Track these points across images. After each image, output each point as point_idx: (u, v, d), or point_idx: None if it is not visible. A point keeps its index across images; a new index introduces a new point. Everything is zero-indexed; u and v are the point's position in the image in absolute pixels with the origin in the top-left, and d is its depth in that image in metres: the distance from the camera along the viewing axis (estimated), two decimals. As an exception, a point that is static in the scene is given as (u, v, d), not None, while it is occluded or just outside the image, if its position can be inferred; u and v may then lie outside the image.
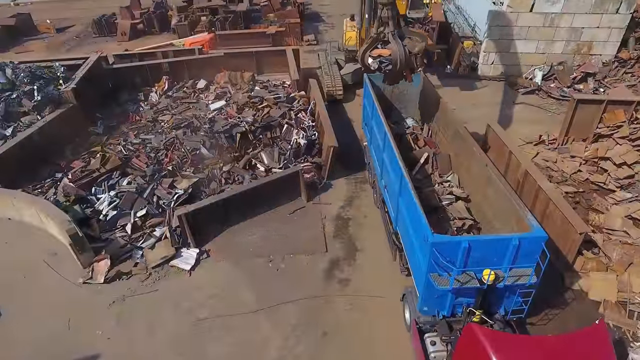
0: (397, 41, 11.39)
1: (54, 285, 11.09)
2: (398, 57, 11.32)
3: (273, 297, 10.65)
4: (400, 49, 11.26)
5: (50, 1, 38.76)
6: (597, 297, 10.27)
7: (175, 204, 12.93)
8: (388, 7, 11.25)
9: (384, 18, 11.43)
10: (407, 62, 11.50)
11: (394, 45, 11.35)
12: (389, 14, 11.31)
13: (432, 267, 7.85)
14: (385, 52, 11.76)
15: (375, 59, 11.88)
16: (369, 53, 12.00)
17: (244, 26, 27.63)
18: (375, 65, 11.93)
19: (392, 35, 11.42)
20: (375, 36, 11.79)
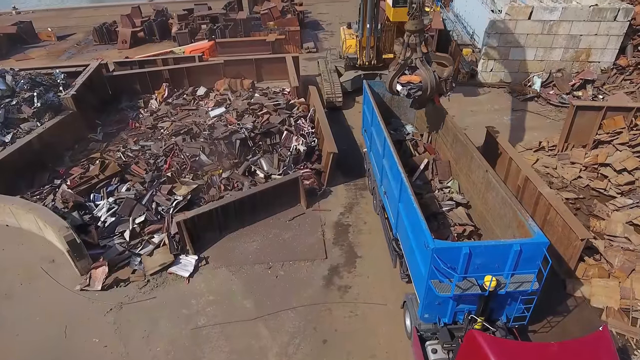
0: (427, 67, 11.39)
1: (51, 292, 10.98)
2: (428, 83, 11.32)
3: (272, 304, 10.55)
4: (431, 75, 11.28)
5: (52, 10, 39.09)
6: (600, 304, 10.17)
7: (174, 211, 12.86)
8: (416, 34, 11.19)
9: (411, 44, 11.34)
10: (437, 87, 11.52)
11: (423, 72, 11.36)
12: (417, 41, 11.23)
13: (433, 274, 7.77)
14: (414, 78, 11.66)
15: (404, 85, 11.71)
16: (397, 80, 11.83)
17: (243, 34, 27.77)
18: (404, 92, 11.75)
19: (421, 61, 11.40)
20: (402, 62, 11.69)
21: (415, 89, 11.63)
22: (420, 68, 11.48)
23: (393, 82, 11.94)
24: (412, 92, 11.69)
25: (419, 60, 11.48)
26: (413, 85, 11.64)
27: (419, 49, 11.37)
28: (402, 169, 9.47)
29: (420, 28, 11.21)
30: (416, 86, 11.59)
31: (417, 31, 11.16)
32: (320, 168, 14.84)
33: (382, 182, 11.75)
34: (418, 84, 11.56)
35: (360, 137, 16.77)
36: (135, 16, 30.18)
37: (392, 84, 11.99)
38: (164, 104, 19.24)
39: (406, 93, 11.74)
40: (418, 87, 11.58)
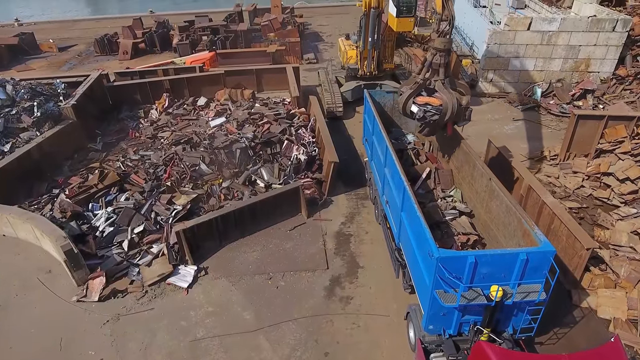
0: (449, 91, 10.61)
1: (47, 303, 10.76)
2: (450, 108, 10.49)
3: (272, 315, 10.34)
4: (453, 100, 10.50)
5: (54, 22, 39.37)
6: (607, 315, 9.97)
7: (173, 220, 12.71)
8: (442, 54, 10.36)
9: (434, 64, 10.50)
10: (457, 114, 10.72)
11: (445, 95, 10.56)
12: (442, 61, 10.41)
13: (437, 284, 7.60)
14: (433, 100, 10.82)
15: (421, 106, 10.83)
16: (414, 100, 10.97)
17: (244, 45, 27.93)
18: (420, 113, 10.82)
19: (443, 83, 10.64)
20: (421, 82, 10.84)
21: (433, 112, 10.71)
22: (441, 91, 10.63)
23: (408, 102, 10.98)
24: (428, 115, 10.76)
25: (441, 82, 10.61)
26: (431, 107, 10.72)
27: (442, 71, 10.52)
28: (404, 176, 9.36)
29: (449, 47, 10.39)
30: (435, 109, 10.68)
31: (444, 50, 10.29)
32: (321, 177, 14.74)
33: (383, 191, 11.63)
34: (437, 107, 10.66)
35: (361, 147, 16.70)
36: (137, 28, 30.39)
37: (406, 104, 11.01)
38: (165, 114, 19.21)
39: (422, 115, 10.77)
40: (437, 110, 10.67)
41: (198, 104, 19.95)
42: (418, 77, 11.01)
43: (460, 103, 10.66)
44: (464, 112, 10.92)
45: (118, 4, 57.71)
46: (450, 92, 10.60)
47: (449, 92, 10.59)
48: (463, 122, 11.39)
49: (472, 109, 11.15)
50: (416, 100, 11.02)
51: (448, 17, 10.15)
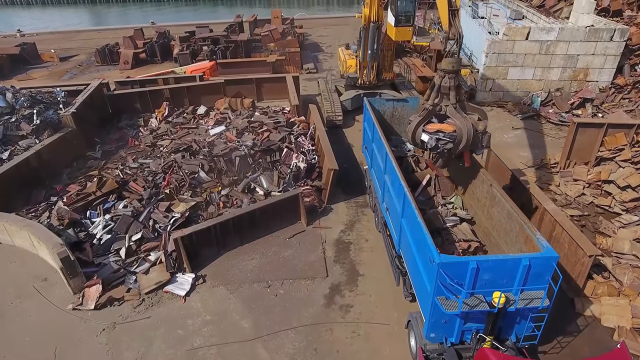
0: (463, 115, 9.59)
1: (42, 311, 10.59)
2: (465, 134, 9.38)
3: (271, 324, 10.17)
4: (468, 125, 9.40)
5: (56, 32, 39.71)
6: (611, 324, 9.82)
7: (171, 228, 12.59)
8: (451, 76, 9.47)
9: (443, 88, 9.61)
10: (473, 141, 9.58)
11: (458, 120, 9.50)
12: (451, 84, 9.49)
13: (439, 290, 7.48)
14: (447, 127, 9.68)
15: (432, 134, 9.74)
16: (424, 127, 9.87)
17: (244, 55, 28.13)
18: (432, 142, 9.69)
19: (455, 108, 9.68)
20: (431, 108, 9.85)
21: (446, 141, 9.58)
22: (454, 116, 9.61)
23: (417, 130, 9.86)
24: (441, 143, 9.64)
25: (453, 107, 9.64)
26: (444, 135, 9.59)
27: (452, 94, 9.57)
28: (404, 182, 9.30)
29: (458, 68, 9.49)
30: (448, 136, 9.56)
31: (452, 72, 9.39)
32: (321, 185, 14.67)
33: (384, 198, 11.55)
34: (451, 134, 9.55)
35: (360, 155, 16.68)
36: (138, 38, 30.67)
37: (416, 132, 9.90)
38: (164, 123, 19.23)
39: (434, 144, 9.65)
40: (450, 138, 9.55)
41: (198, 113, 20.00)
42: (427, 104, 9.96)
43: (476, 128, 9.54)
44: (481, 139, 9.70)
45: (120, 16, 58.37)
46: (464, 117, 9.59)
47: (463, 117, 9.56)
48: (481, 150, 10.08)
49: (490, 134, 9.88)
50: (426, 128, 9.87)
51: (455, 36, 9.46)
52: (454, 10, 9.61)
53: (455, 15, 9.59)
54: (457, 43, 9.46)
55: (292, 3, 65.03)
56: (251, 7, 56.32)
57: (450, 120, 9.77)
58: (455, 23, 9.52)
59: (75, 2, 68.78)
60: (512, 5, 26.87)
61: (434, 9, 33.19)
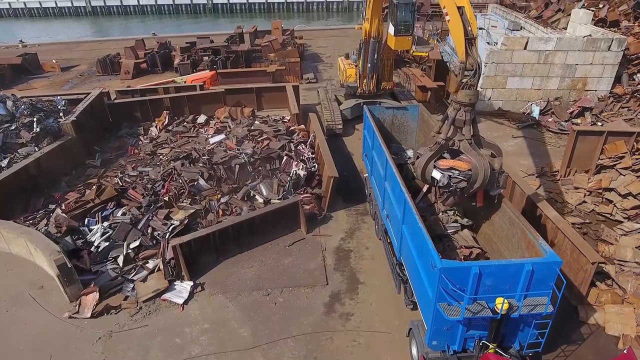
0: (478, 152, 8.93)
1: (38, 319, 10.43)
2: (481, 174, 8.73)
3: (270, 332, 10.01)
4: (485, 164, 8.77)
5: (58, 43, 40.04)
6: (615, 332, 9.67)
7: (170, 235, 12.49)
8: (467, 109, 8.82)
9: (458, 121, 8.96)
10: (490, 180, 8.93)
11: (474, 158, 8.84)
12: (466, 117, 8.84)
13: (441, 296, 7.36)
14: (461, 164, 9.05)
15: (444, 171, 9.13)
16: (435, 163, 9.20)
17: (244, 65, 28.30)
18: (444, 180, 9.07)
19: (470, 143, 9.01)
20: (443, 142, 9.12)
21: (460, 179, 8.97)
22: (468, 153, 8.93)
23: (428, 166, 9.21)
24: (454, 182, 9.02)
25: (467, 142, 8.97)
26: (458, 173, 8.98)
27: (467, 129, 8.92)
28: (405, 188, 9.24)
29: (475, 101, 8.81)
30: (463, 175, 8.95)
31: (469, 104, 8.76)
32: (321, 193, 14.61)
33: (384, 205, 11.48)
34: (465, 173, 8.93)
35: (360, 163, 16.65)
36: (139, 48, 30.88)
37: (426, 168, 9.25)
38: (164, 132, 19.23)
39: (446, 182, 9.05)
40: (465, 176, 8.93)
41: (198, 122, 20.01)
42: (438, 136, 9.19)
43: (492, 167, 8.88)
44: (497, 178, 9.03)
45: (122, 28, 58.96)
46: (480, 155, 8.89)
47: (479, 155, 8.87)
48: (497, 190, 9.25)
49: (507, 174, 9.25)
50: (438, 163, 9.20)
51: (473, 66, 8.73)
52: (471, 38, 8.84)
53: (472, 44, 8.83)
54: (476, 74, 8.71)
55: (293, 15, 65.79)
56: (252, 19, 56.89)
57: (465, 156, 9.07)
58: (473, 52, 8.77)
59: (78, 14, 69.58)
60: (510, 17, 27.13)
61: (433, 20, 33.55)
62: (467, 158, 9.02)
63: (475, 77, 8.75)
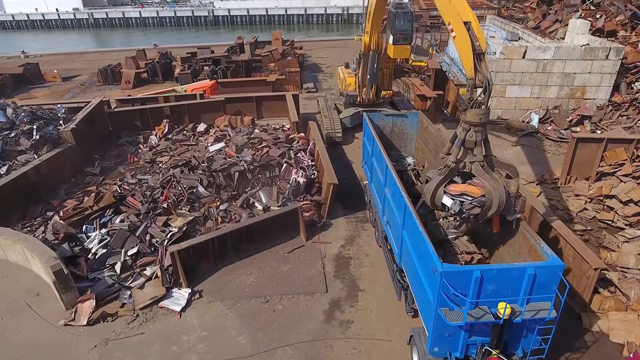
0: (492, 176, 8.29)
1: (33, 327, 10.26)
2: (497, 199, 8.03)
3: (269, 340, 9.84)
4: (499, 188, 8.08)
5: (59, 53, 40.35)
6: (619, 339, 9.51)
7: (168, 243, 12.37)
8: (478, 129, 8.18)
9: (468, 142, 8.32)
10: (505, 206, 8.23)
11: (488, 182, 8.18)
12: (477, 138, 8.21)
13: (442, 301, 7.25)
14: (473, 190, 8.37)
15: (455, 197, 8.45)
16: (444, 188, 8.53)
17: (245, 75, 28.44)
18: (455, 207, 8.40)
19: (482, 166, 8.36)
20: (453, 165, 8.47)
21: (473, 205, 8.29)
22: (481, 176, 8.30)
23: (437, 191, 8.53)
24: (466, 208, 8.35)
25: (479, 165, 8.34)
26: (471, 199, 8.29)
27: (479, 150, 8.30)
28: (405, 193, 9.18)
29: (485, 121, 8.16)
30: (476, 201, 8.26)
31: (479, 124, 8.10)
32: (320, 200, 14.54)
33: (384, 212, 11.40)
34: (479, 199, 8.25)
35: (360, 171, 16.61)
36: (140, 59, 31.08)
37: (435, 194, 8.56)
38: (164, 140, 19.23)
39: (458, 209, 8.38)
40: (479, 203, 8.26)
41: (198, 130, 20.03)
42: (448, 159, 8.54)
43: (508, 191, 8.20)
44: (514, 203, 8.29)
45: (123, 40, 59.53)
46: (494, 178, 8.23)
47: (492, 178, 8.21)
48: (513, 215, 8.51)
49: (525, 198, 8.56)
50: (448, 189, 8.51)
51: (483, 83, 8.20)
52: (480, 53, 8.36)
53: (481, 59, 8.33)
54: (486, 91, 8.13)
55: (293, 27, 66.52)
56: (252, 31, 57.54)
57: (477, 180, 8.45)
58: (482, 68, 8.25)
59: (80, 26, 70.37)
60: (508, 27, 27.40)
61: (432, 32, 33.87)
62: (480, 182, 8.36)
63: (486, 94, 8.15)
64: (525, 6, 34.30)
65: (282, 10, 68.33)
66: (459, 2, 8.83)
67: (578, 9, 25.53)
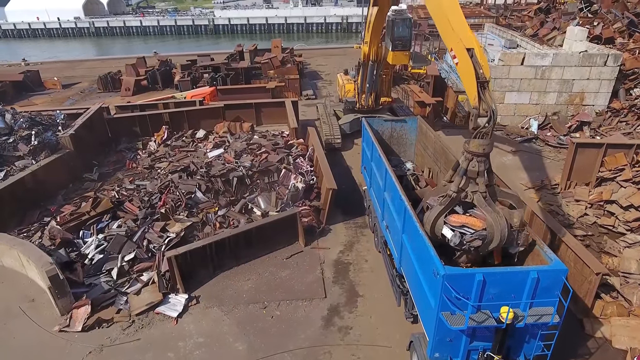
0: (494, 208, 8.02)
1: (28, 333, 10.10)
2: (499, 232, 7.77)
3: (266, 347, 9.69)
4: (502, 222, 7.83)
5: (60, 61, 40.50)
6: (622, 345, 9.37)
7: (166, 248, 12.25)
8: (481, 159, 7.94)
9: (471, 172, 8.06)
10: (508, 239, 7.97)
11: (489, 215, 7.91)
12: (480, 168, 7.96)
13: (444, 305, 7.13)
14: (474, 222, 8.08)
15: (456, 229, 8.16)
16: (445, 219, 8.26)
17: (244, 82, 28.51)
18: (456, 239, 8.10)
19: (485, 197, 8.10)
20: (454, 195, 8.17)
21: (474, 238, 8.03)
22: (482, 208, 8.05)
23: (437, 222, 8.28)
24: (466, 240, 8.09)
25: (481, 196, 8.10)
26: (471, 231, 8.01)
27: (481, 180, 8.04)
28: (404, 196, 9.11)
29: (489, 151, 7.94)
30: (477, 234, 7.98)
31: (482, 155, 7.87)
32: (319, 205, 14.44)
33: (383, 217, 11.31)
34: (480, 232, 7.95)
35: (359, 177, 16.54)
36: (140, 66, 31.18)
37: (435, 225, 8.31)
38: (163, 146, 19.19)
39: (458, 241, 8.11)
40: (480, 236, 7.97)
41: (197, 137, 20.00)
42: (450, 188, 8.27)
43: (511, 224, 7.92)
44: (516, 237, 8.03)
45: (124, 49, 59.87)
46: (496, 211, 7.96)
47: (494, 210, 7.96)
48: (516, 248, 8.20)
49: (528, 232, 8.17)
50: (448, 219, 8.25)
51: (487, 112, 7.95)
52: (483, 82, 8.13)
53: (485, 88, 8.10)
54: (490, 121, 7.87)
55: (292, 36, 66.98)
56: (252, 41, 57.90)
57: (478, 212, 8.19)
58: (486, 97, 8.01)
59: (81, 35, 70.81)
60: (506, 35, 27.56)
61: (431, 40, 34.06)
62: (481, 214, 8.10)
63: (490, 124, 7.87)
64: (523, 15, 34.58)
65: (282, 19, 68.89)
66: (461, 28, 8.56)
67: (576, 16, 25.69)
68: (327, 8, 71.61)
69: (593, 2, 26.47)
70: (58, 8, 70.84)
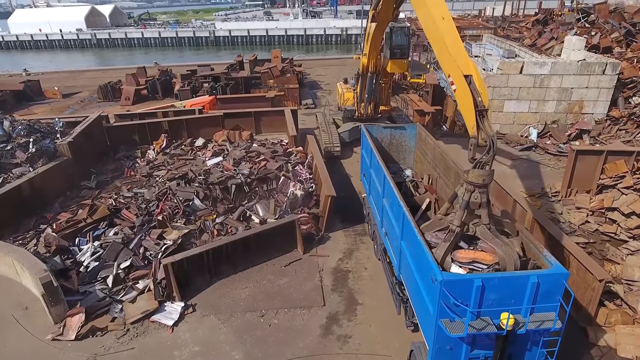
0: (503, 240, 7.72)
1: (20, 342, 9.90)
2: (512, 264, 7.34)
3: (264, 356, 9.48)
4: (513, 253, 7.43)
5: (61, 71, 40.75)
6: (628, 354, 9.16)
7: (162, 256, 12.09)
8: (482, 190, 7.71)
9: (472, 204, 7.81)
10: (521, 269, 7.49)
11: (499, 248, 7.50)
12: (482, 200, 7.74)
13: (442, 312, 6.97)
14: (485, 257, 7.65)
15: (465, 265, 7.63)
16: (452, 256, 7.75)
17: (244, 92, 28.61)
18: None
19: (489, 229, 7.85)
20: (457, 230, 7.78)
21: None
22: (489, 241, 7.73)
23: (445, 260, 7.70)
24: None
25: (487, 228, 7.82)
26: (483, 266, 7.54)
27: (484, 212, 7.81)
28: (403, 202, 8.99)
29: (489, 182, 7.71)
30: (490, 269, 7.49)
31: (482, 185, 7.65)
32: (318, 213, 14.32)
33: (382, 224, 11.19)
34: (493, 266, 7.48)
35: (358, 185, 16.45)
36: (140, 76, 31.34)
37: (443, 262, 7.69)
38: (162, 154, 19.15)
39: None
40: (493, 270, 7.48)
41: (196, 145, 19.97)
42: (452, 223, 7.87)
43: (520, 254, 7.61)
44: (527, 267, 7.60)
45: (125, 60, 60.32)
46: (505, 242, 7.66)
47: (503, 243, 7.62)
48: None
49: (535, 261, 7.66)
50: (456, 256, 7.73)
51: (487, 142, 7.74)
52: (482, 110, 7.96)
53: (484, 116, 7.92)
54: (490, 151, 7.67)
55: (292, 47, 67.54)
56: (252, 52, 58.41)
57: (486, 245, 7.79)
58: (485, 126, 7.82)
59: (83, 46, 71.47)
60: (505, 45, 27.73)
61: (429, 51, 34.28)
62: (489, 247, 7.70)
63: (490, 154, 7.64)
64: (521, 26, 34.87)
65: (282, 31, 69.57)
66: (459, 54, 8.35)
67: (573, 26, 25.90)
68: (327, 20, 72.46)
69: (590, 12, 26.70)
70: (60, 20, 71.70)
